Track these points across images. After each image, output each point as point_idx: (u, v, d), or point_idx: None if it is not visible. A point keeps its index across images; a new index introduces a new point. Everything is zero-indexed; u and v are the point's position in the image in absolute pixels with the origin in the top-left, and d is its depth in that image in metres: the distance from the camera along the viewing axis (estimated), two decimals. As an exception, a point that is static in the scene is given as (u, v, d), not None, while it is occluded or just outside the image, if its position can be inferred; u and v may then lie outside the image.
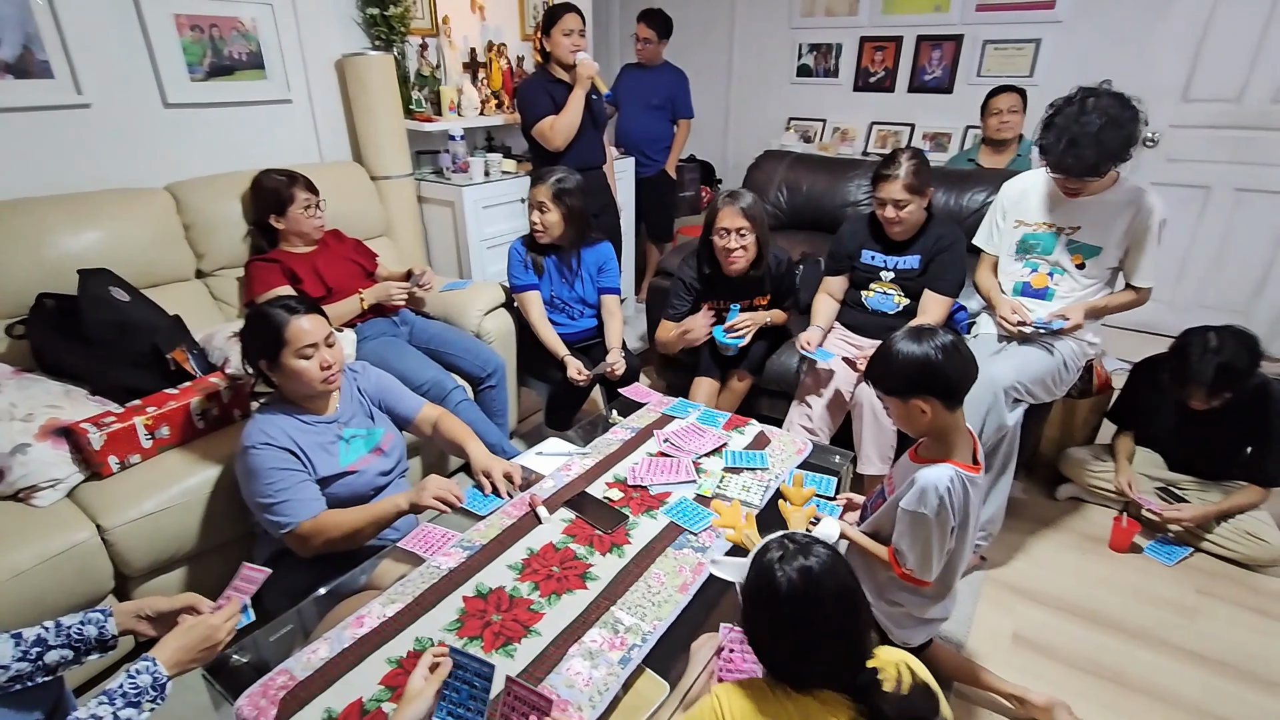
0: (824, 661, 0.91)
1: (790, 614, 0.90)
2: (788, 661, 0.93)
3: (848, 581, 0.92)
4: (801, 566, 0.90)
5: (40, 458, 1.48)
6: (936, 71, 3.95)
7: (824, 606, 0.89)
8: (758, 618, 0.94)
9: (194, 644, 1.03)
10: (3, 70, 1.83)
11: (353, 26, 2.63)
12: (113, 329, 1.72)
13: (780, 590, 0.90)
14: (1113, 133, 1.66)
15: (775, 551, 0.93)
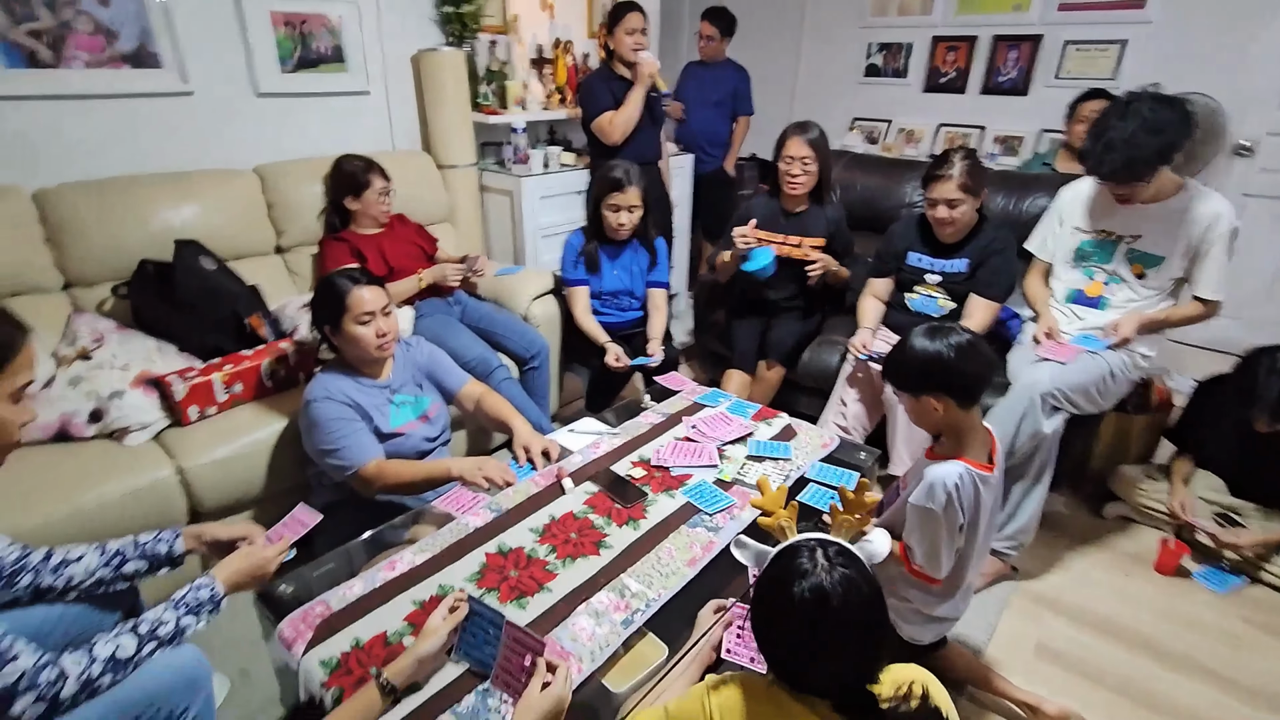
0: (819, 676, 0.86)
1: (796, 626, 0.84)
2: (785, 663, 0.89)
3: (866, 608, 0.83)
4: (818, 585, 0.82)
5: (133, 403, 1.67)
6: (1011, 73, 3.82)
7: (832, 629, 0.82)
8: (765, 614, 0.90)
9: (247, 570, 1.16)
10: (121, 61, 2.06)
11: (428, 24, 2.80)
12: (200, 294, 1.92)
13: (793, 600, 0.83)
14: (1149, 137, 1.61)
15: (803, 558, 0.86)
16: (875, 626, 0.85)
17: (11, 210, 1.83)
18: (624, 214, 2.29)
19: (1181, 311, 1.87)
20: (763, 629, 0.89)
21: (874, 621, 0.85)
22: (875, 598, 0.84)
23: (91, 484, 1.53)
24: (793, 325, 2.45)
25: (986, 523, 1.32)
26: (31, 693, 0.88)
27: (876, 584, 0.86)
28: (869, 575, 0.86)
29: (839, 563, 0.84)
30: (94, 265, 1.95)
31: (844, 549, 0.88)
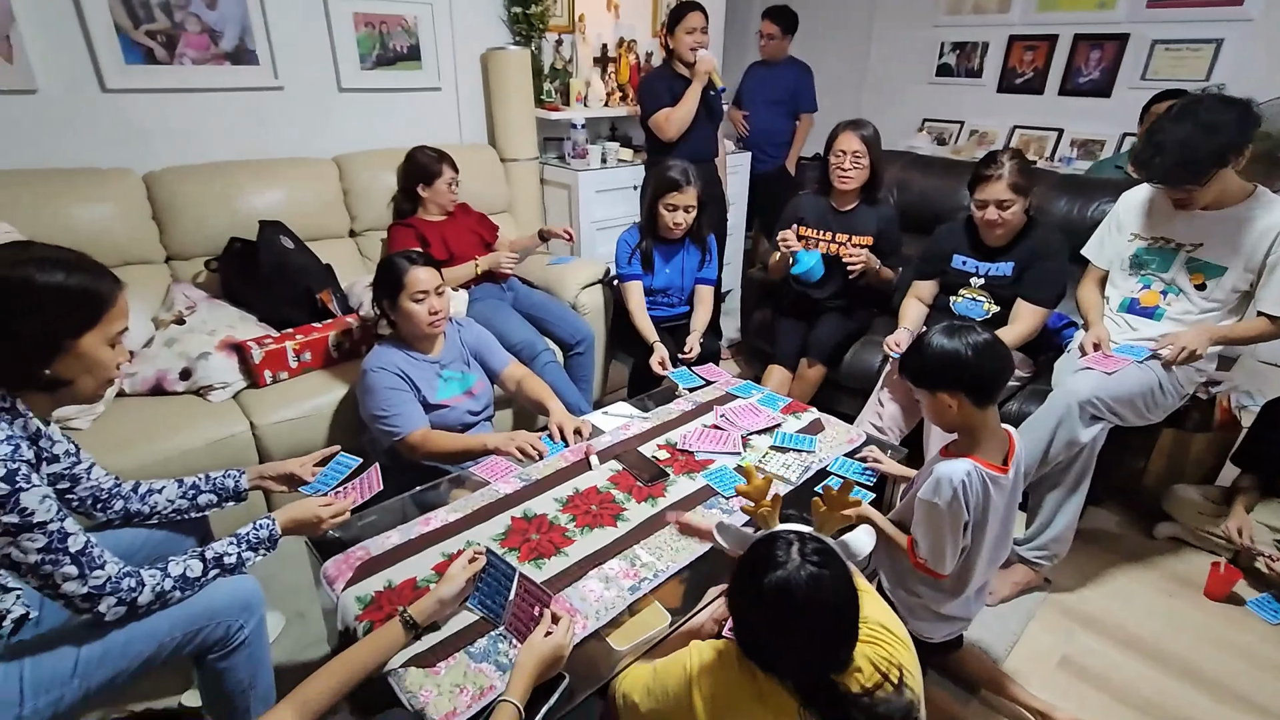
0: (783, 664, 0.88)
1: (762, 615, 0.87)
2: (754, 645, 0.91)
3: (833, 605, 0.85)
4: (785, 579, 0.84)
5: (217, 365, 1.87)
6: (1093, 73, 3.65)
7: (795, 623, 0.85)
8: (739, 597, 0.92)
9: (303, 519, 1.29)
10: (223, 58, 2.29)
11: (498, 23, 2.94)
12: (279, 270, 2.11)
13: (761, 589, 0.86)
14: (1202, 139, 1.55)
15: (778, 549, 0.87)
16: (841, 623, 0.86)
17: (125, 190, 2.07)
18: (680, 213, 2.34)
19: (1247, 328, 1.77)
20: (735, 611, 0.92)
21: (840, 618, 0.86)
22: (845, 596, 0.86)
23: (179, 433, 1.73)
24: (836, 324, 2.46)
25: (999, 524, 1.32)
26: (114, 596, 1.03)
27: (849, 581, 0.87)
28: (842, 573, 0.87)
29: (812, 559, 0.85)
30: (191, 241, 2.18)
31: (822, 545, 0.88)
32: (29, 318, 0.96)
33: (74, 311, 0.99)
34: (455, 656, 1.10)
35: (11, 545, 0.93)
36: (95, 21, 2.02)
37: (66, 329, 0.99)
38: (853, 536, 1.07)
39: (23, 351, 0.97)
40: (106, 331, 1.02)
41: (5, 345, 0.96)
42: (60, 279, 0.97)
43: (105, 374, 1.04)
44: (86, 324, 1.00)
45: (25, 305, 0.95)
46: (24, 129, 2.00)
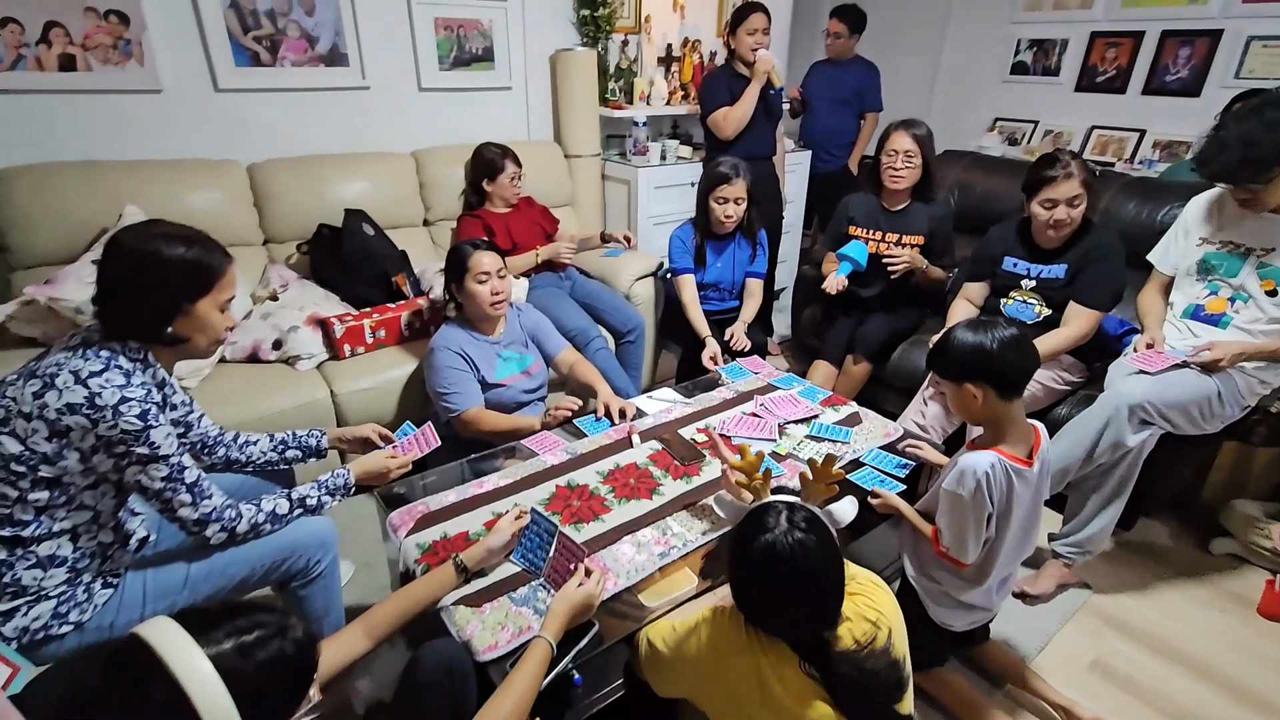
0: (776, 623, 0.96)
1: (756, 573, 0.94)
2: (748, 606, 0.98)
3: (818, 569, 0.92)
4: (773, 543, 0.91)
5: (304, 337, 2.09)
6: (1181, 72, 3.49)
7: (782, 583, 0.92)
8: (734, 562, 0.99)
9: (373, 469, 1.46)
10: (319, 61, 2.51)
11: (567, 26, 3.08)
12: (360, 255, 2.32)
13: (752, 553, 0.93)
14: (1265, 135, 1.51)
15: (769, 517, 0.95)
16: (826, 584, 0.93)
17: (232, 180, 2.32)
18: (730, 206, 2.42)
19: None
20: (731, 576, 0.99)
21: (825, 580, 0.92)
22: (829, 558, 0.92)
23: (270, 396, 1.94)
24: (884, 323, 2.47)
25: (1023, 516, 1.35)
26: (218, 523, 1.21)
27: (835, 548, 0.94)
28: (828, 539, 0.94)
29: (799, 526, 0.93)
30: (285, 226, 2.41)
31: (810, 514, 0.95)
32: (156, 284, 1.13)
33: (192, 280, 1.16)
34: (499, 600, 1.23)
35: (142, 473, 1.12)
36: (212, 29, 2.27)
37: (186, 294, 1.16)
38: (837, 506, 1.17)
39: (151, 311, 1.15)
40: (217, 298, 1.20)
41: (137, 305, 1.14)
42: (181, 252, 1.15)
43: (215, 334, 1.22)
44: (202, 291, 1.17)
45: (154, 273, 1.13)
46: (149, 124, 2.27)
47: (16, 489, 1.07)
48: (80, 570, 1.16)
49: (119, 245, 1.13)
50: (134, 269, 1.12)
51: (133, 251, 1.12)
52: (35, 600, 1.11)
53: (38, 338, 1.83)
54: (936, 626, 1.48)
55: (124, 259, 1.12)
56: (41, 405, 1.05)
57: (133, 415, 1.07)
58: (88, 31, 2.08)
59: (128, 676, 0.70)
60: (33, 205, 1.98)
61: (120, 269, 1.12)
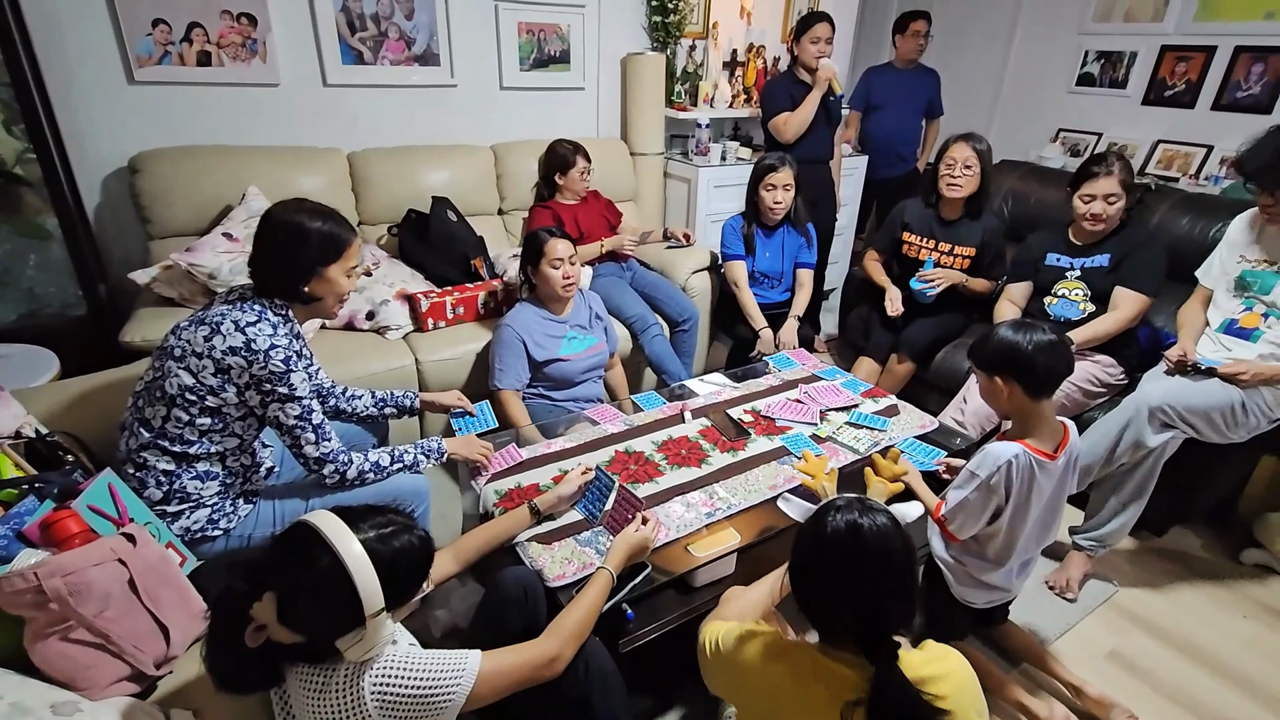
0: (846, 616, 0.93)
1: (828, 561, 0.93)
2: (815, 605, 0.97)
3: (896, 553, 0.91)
4: (854, 522, 0.92)
5: (393, 310, 2.33)
6: (1254, 88, 3.44)
7: (861, 565, 0.91)
8: (802, 557, 0.98)
9: (464, 454, 1.64)
10: (414, 60, 2.76)
11: (639, 31, 3.26)
12: (443, 238, 2.55)
13: (826, 536, 0.93)
14: None
15: (840, 504, 0.96)
16: (903, 573, 0.93)
17: (334, 166, 2.58)
18: (779, 192, 2.57)
19: None
20: (797, 573, 0.98)
21: (902, 568, 0.92)
22: (906, 549, 0.93)
23: (365, 361, 2.19)
24: (929, 325, 2.57)
25: (1046, 506, 1.46)
26: (333, 464, 1.43)
27: (910, 540, 0.94)
28: (903, 531, 0.94)
29: (879, 510, 0.95)
30: (378, 210, 2.67)
31: (882, 506, 0.97)
32: (300, 250, 1.36)
33: (327, 247, 1.38)
34: (566, 540, 1.42)
35: (280, 410, 1.34)
36: (324, 30, 2.53)
37: (321, 260, 1.38)
38: (900, 506, 1.18)
39: (294, 273, 1.38)
40: (345, 265, 1.42)
41: (284, 266, 1.37)
42: (319, 225, 1.37)
43: (340, 294, 1.44)
44: (334, 257, 1.40)
45: (299, 241, 1.35)
46: (268, 114, 2.55)
47: (188, 414, 1.31)
48: (228, 486, 1.40)
49: (272, 217, 1.37)
50: (283, 236, 1.35)
51: (283, 223, 1.36)
52: (196, 506, 1.36)
53: (175, 298, 2.11)
54: (959, 603, 1.60)
55: (276, 228, 1.36)
56: (210, 347, 1.29)
57: (278, 359, 1.30)
58: (222, 31, 2.37)
59: (300, 549, 0.91)
60: (172, 182, 2.27)
61: (273, 236, 1.36)
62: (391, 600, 0.92)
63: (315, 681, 0.92)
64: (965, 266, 2.51)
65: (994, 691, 1.60)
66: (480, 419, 1.84)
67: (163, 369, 1.32)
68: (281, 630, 0.90)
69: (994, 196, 3.09)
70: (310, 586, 0.89)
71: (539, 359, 2.09)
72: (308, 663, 0.93)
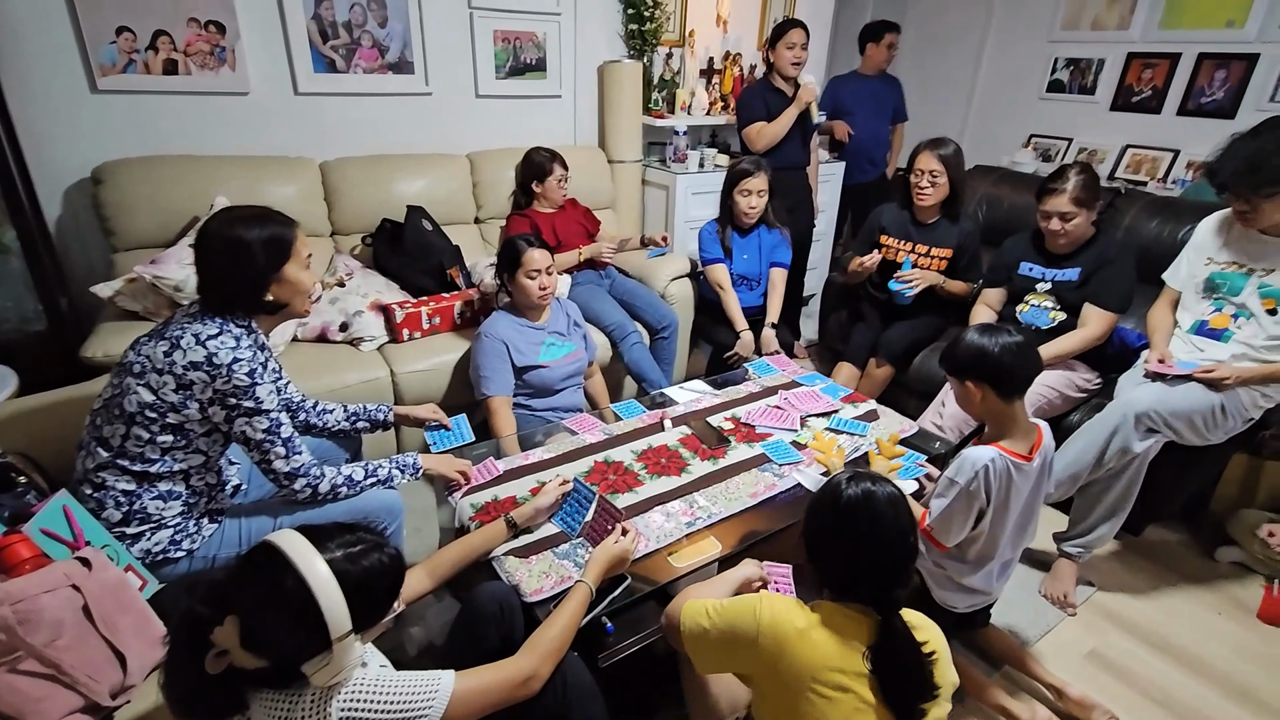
0: (864, 569, 1.02)
1: (849, 523, 1.03)
2: (835, 563, 1.06)
3: (901, 515, 1.03)
4: (866, 489, 1.04)
5: (367, 321, 2.29)
6: (1217, 94, 3.52)
7: (875, 523, 1.02)
8: (818, 522, 1.08)
9: (438, 470, 1.59)
10: (387, 69, 2.73)
11: (615, 39, 3.26)
12: (418, 248, 2.52)
13: (841, 498, 1.04)
14: (1271, 152, 1.62)
15: (849, 474, 1.09)
16: (906, 537, 1.03)
17: (306, 175, 2.54)
18: (753, 198, 2.60)
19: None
20: (818, 532, 1.08)
21: (905, 532, 1.03)
22: (905, 506, 1.05)
23: (338, 373, 2.15)
24: (907, 328, 2.59)
25: (1023, 508, 1.47)
26: (304, 479, 1.39)
27: (905, 498, 1.07)
28: (906, 499, 1.07)
29: (879, 478, 1.07)
30: (351, 219, 2.63)
31: (887, 478, 1.10)
32: (248, 263, 1.30)
33: (274, 252, 1.33)
34: (544, 553, 1.40)
35: (247, 424, 1.31)
36: (295, 38, 2.50)
37: (272, 265, 1.33)
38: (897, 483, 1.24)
39: (250, 287, 1.33)
40: (299, 259, 1.37)
41: (237, 283, 1.32)
42: (258, 231, 1.31)
43: (308, 289, 1.40)
44: (284, 258, 1.34)
45: (243, 255, 1.30)
46: (237, 123, 2.50)
47: (148, 431, 1.27)
48: (191, 506, 1.36)
49: (208, 237, 1.31)
50: (226, 254, 1.29)
51: (221, 239, 1.29)
52: (157, 527, 1.31)
53: (139, 311, 2.05)
54: (940, 608, 1.60)
55: (215, 248, 1.30)
56: (170, 362, 1.25)
57: (242, 373, 1.26)
58: (189, 39, 2.32)
59: (263, 570, 0.88)
60: (136, 193, 2.21)
61: (215, 257, 1.30)
62: (360, 622, 0.89)
63: (280, 708, 0.88)
64: (942, 268, 2.53)
65: (975, 695, 1.60)
66: (456, 433, 1.81)
67: (121, 386, 1.28)
68: (244, 655, 0.86)
69: (969, 201, 3.13)
70: (274, 609, 0.86)
71: (520, 365, 2.06)
72: (272, 688, 0.89)
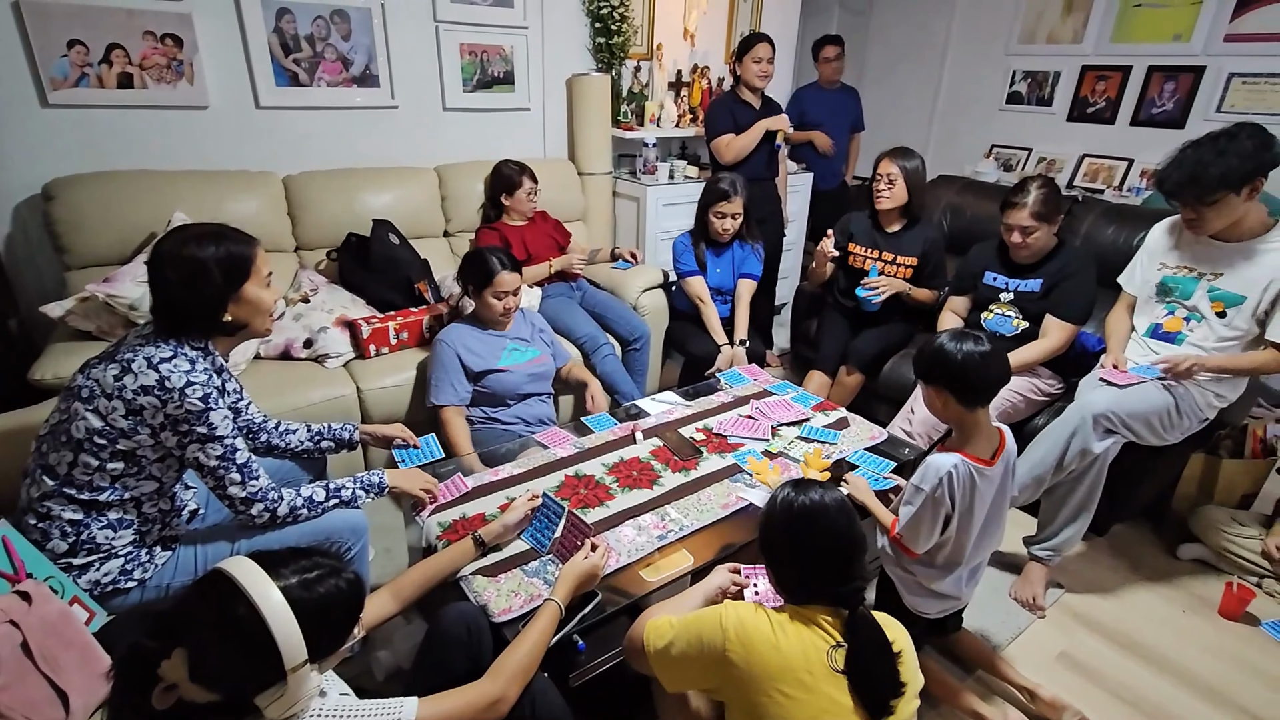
0: (819, 566, 1.06)
1: (795, 523, 1.08)
2: (790, 567, 1.10)
3: (845, 511, 1.09)
4: (808, 495, 1.10)
5: (333, 337, 2.25)
6: (1167, 105, 3.65)
7: (822, 519, 1.07)
8: (770, 531, 1.12)
9: (405, 488, 1.55)
10: (352, 82, 2.70)
11: (584, 52, 3.27)
12: (385, 262, 2.48)
13: (791, 504, 1.09)
14: (1217, 161, 1.67)
15: (790, 483, 1.14)
16: (851, 522, 1.09)
17: (269, 190, 2.49)
18: (728, 220, 2.62)
19: (1251, 359, 1.84)
20: (772, 541, 1.11)
21: (854, 531, 1.08)
22: (846, 504, 1.11)
23: (302, 391, 2.10)
24: (876, 336, 2.62)
25: (989, 512, 1.48)
26: (262, 503, 1.35)
27: (845, 497, 1.12)
28: (846, 501, 1.12)
29: (816, 483, 1.13)
30: (316, 234, 2.58)
31: (830, 486, 1.15)
32: (204, 284, 1.26)
33: (232, 270, 1.29)
34: (513, 571, 1.37)
35: (200, 450, 1.26)
36: (256, 52, 2.46)
37: (230, 284, 1.29)
38: None
39: (206, 309, 1.29)
40: (259, 278, 1.33)
41: (192, 304, 1.28)
42: (214, 250, 1.27)
43: (268, 308, 1.36)
44: (243, 277, 1.30)
45: (199, 275, 1.25)
46: (196, 137, 2.45)
47: (97, 459, 1.22)
48: (143, 534, 1.31)
49: (162, 257, 1.25)
50: (180, 275, 1.24)
51: (175, 259, 1.24)
52: (106, 557, 1.26)
53: (92, 331, 1.99)
54: (911, 614, 1.60)
55: (170, 269, 1.24)
56: (120, 387, 1.20)
57: (196, 397, 1.22)
58: (145, 53, 2.27)
59: (213, 599, 0.84)
60: (89, 209, 2.15)
61: (170, 278, 1.25)
62: (317, 651, 0.86)
63: (233, 744, 0.85)
64: (908, 276, 2.57)
65: (948, 700, 1.61)
66: (425, 450, 1.78)
67: (69, 411, 1.23)
68: (194, 689, 0.83)
69: (932, 209, 3.18)
70: (225, 640, 0.83)
71: (476, 369, 2.05)
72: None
